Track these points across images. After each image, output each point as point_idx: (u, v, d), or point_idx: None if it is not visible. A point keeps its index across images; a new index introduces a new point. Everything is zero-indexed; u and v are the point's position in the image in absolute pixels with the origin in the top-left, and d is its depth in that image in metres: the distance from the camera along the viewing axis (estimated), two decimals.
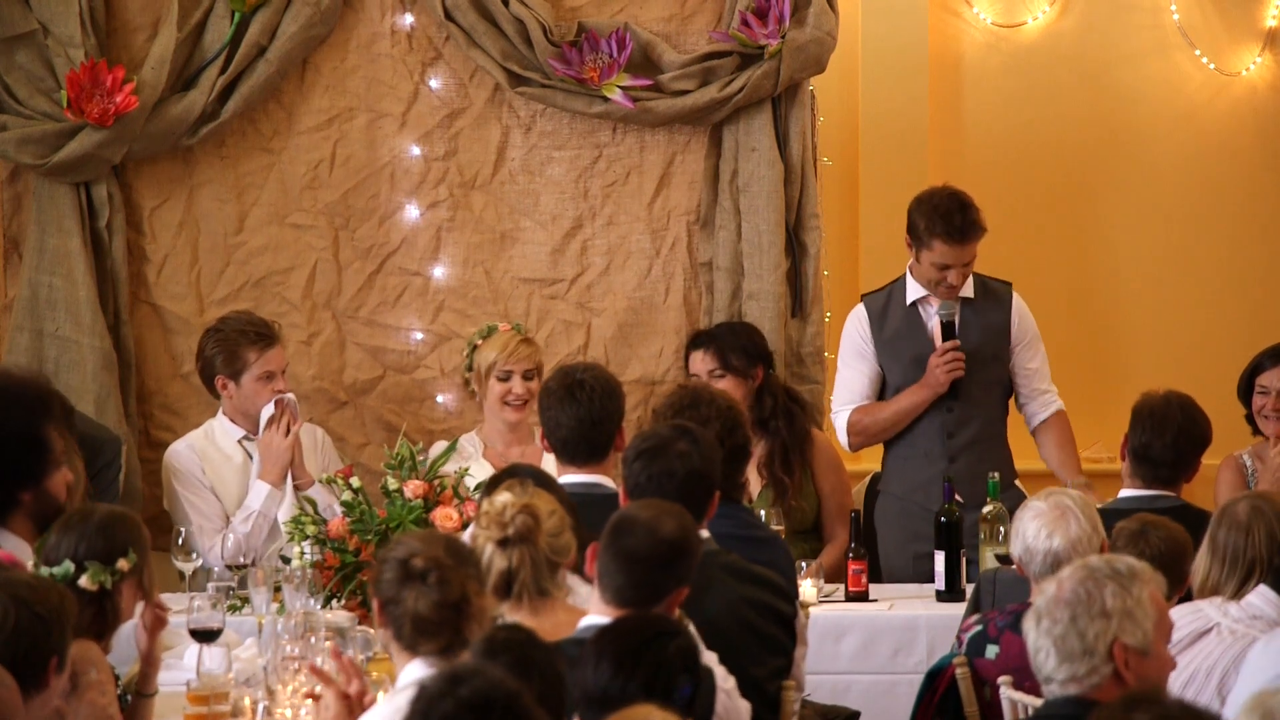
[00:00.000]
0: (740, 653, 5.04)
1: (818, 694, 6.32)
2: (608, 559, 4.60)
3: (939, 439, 7.37)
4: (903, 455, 7.45)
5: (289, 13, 7.70)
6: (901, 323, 7.42)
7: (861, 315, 7.50)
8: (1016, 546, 5.44)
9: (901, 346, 7.40)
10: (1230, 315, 8.75)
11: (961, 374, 7.28)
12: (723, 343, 7.45)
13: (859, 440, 7.50)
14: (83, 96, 7.54)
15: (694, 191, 7.91)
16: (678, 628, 4.17)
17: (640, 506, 4.70)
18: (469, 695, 3.32)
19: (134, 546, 4.96)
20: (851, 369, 7.48)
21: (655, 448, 5.17)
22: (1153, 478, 6.34)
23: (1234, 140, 8.75)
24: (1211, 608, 5.16)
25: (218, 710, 5.17)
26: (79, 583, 4.86)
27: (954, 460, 7.34)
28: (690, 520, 4.75)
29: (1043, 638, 4.15)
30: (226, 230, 7.86)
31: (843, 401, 7.50)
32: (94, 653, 4.82)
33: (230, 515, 7.18)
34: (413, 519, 6.37)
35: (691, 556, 4.66)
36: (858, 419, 7.44)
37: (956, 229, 7.22)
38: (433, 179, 7.88)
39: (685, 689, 4.06)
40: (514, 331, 7.36)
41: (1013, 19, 8.76)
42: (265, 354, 7.20)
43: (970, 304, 7.39)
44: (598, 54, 7.70)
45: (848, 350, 7.51)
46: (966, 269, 7.31)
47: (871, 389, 7.46)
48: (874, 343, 7.44)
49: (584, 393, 5.73)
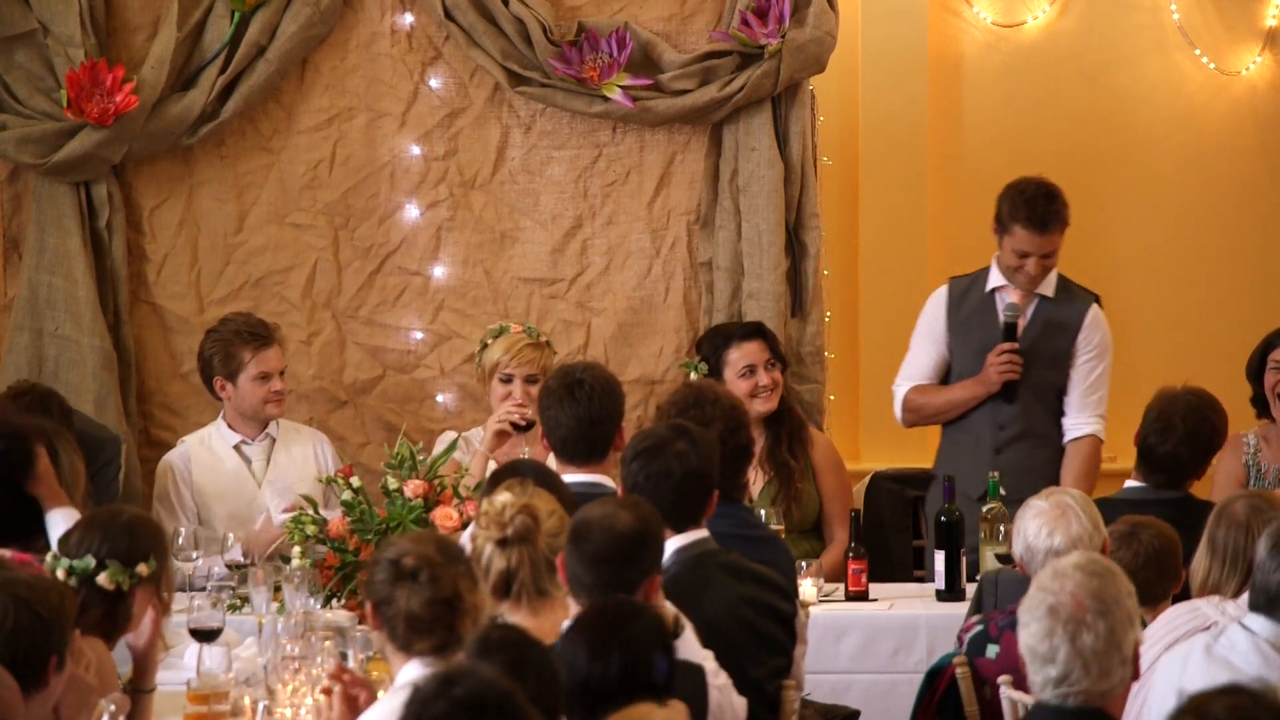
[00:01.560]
0: (739, 652, 5.03)
1: (818, 693, 6.32)
2: (574, 564, 4.61)
3: (990, 429, 7.35)
4: (955, 439, 7.45)
5: (289, 12, 7.70)
6: (976, 309, 7.39)
7: (941, 296, 7.50)
8: (1018, 545, 5.44)
9: (971, 334, 7.38)
10: (1229, 313, 8.75)
11: (1015, 377, 7.25)
12: (769, 333, 7.47)
13: (911, 418, 7.51)
14: (82, 96, 7.54)
15: (694, 191, 7.91)
16: (641, 608, 4.19)
17: (594, 506, 4.69)
18: (462, 695, 3.33)
19: (155, 554, 4.96)
20: (920, 347, 7.49)
21: (653, 448, 5.17)
22: (1153, 478, 6.34)
23: (1234, 140, 8.75)
24: (1209, 606, 5.15)
25: (217, 709, 5.17)
26: (97, 580, 4.86)
27: (1000, 452, 7.33)
28: (647, 509, 4.75)
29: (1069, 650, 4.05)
30: (226, 230, 7.87)
31: (905, 377, 7.50)
32: (100, 650, 4.82)
33: (214, 522, 7.16)
34: (413, 518, 6.37)
35: (655, 544, 4.67)
36: (914, 398, 7.45)
37: (1038, 216, 7.20)
38: (433, 178, 7.88)
39: (661, 665, 4.10)
40: (525, 334, 7.31)
41: (1012, 18, 8.76)
42: (260, 354, 7.18)
43: (1047, 301, 7.36)
44: (598, 53, 7.70)
45: (921, 329, 7.52)
46: (1046, 262, 7.28)
47: (935, 372, 7.46)
48: (947, 324, 7.42)
49: (583, 392, 5.72)
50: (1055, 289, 7.37)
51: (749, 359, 7.38)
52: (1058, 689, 4.05)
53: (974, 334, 7.38)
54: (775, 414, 7.41)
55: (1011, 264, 7.29)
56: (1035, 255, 7.25)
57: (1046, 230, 7.23)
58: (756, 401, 7.29)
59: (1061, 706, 4.05)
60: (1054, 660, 4.04)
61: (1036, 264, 7.27)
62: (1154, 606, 5.32)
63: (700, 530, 5.20)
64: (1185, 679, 4.61)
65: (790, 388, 7.65)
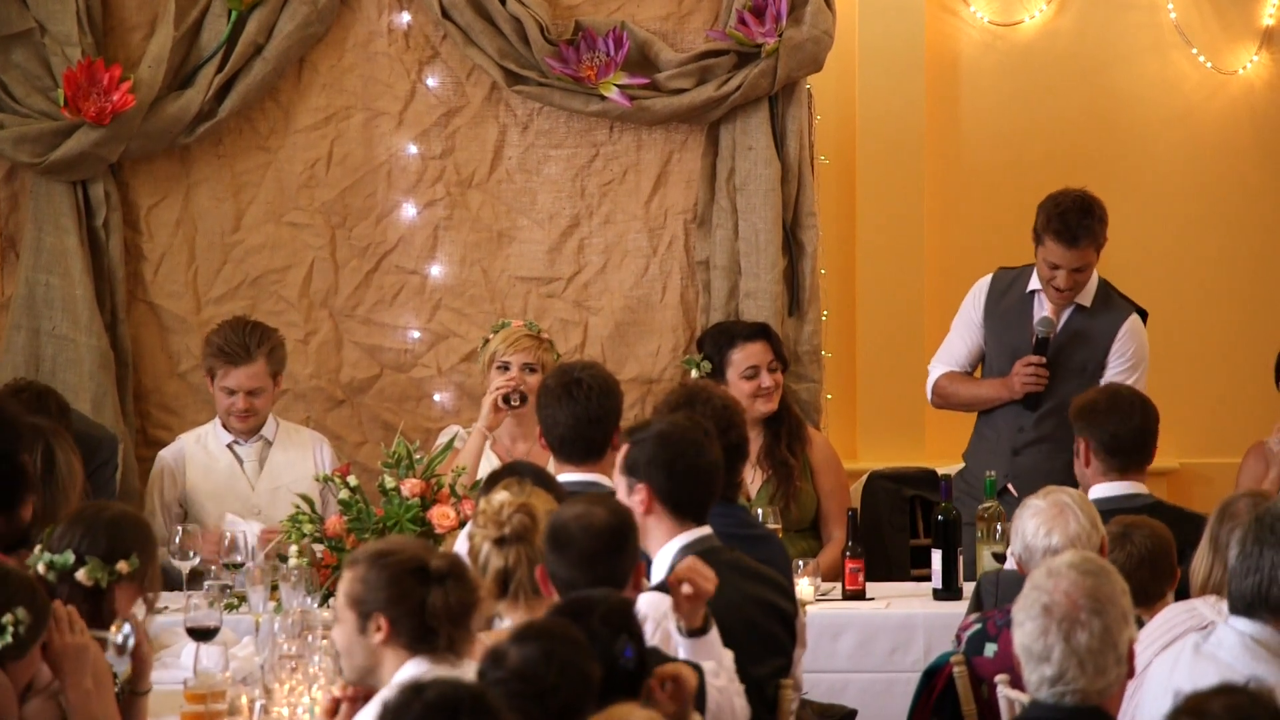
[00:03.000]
0: (741, 651, 5.03)
1: (815, 692, 6.32)
2: (561, 568, 4.60)
3: (1011, 430, 7.34)
4: (983, 434, 7.46)
5: (286, 11, 7.70)
6: (1015, 305, 7.37)
7: (984, 285, 7.47)
8: (1016, 544, 5.45)
9: (1007, 329, 7.35)
10: (1227, 313, 8.75)
11: (1040, 390, 7.23)
12: (774, 335, 7.46)
13: (938, 401, 7.53)
14: (80, 95, 7.54)
15: (691, 190, 7.91)
16: (597, 599, 4.18)
17: (564, 510, 4.70)
18: (434, 698, 3.37)
19: (139, 551, 4.95)
20: (958, 333, 7.50)
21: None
22: (1125, 467, 6.32)
23: (1231, 139, 8.75)
24: (1206, 606, 5.14)
25: (214, 709, 5.17)
26: (76, 575, 4.86)
27: (1018, 454, 7.32)
28: (614, 501, 4.80)
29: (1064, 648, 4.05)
30: (223, 229, 7.86)
31: (941, 360, 7.51)
32: (92, 647, 4.82)
33: (207, 520, 7.16)
34: (410, 517, 6.37)
35: (634, 533, 4.69)
36: (945, 384, 7.46)
37: (1069, 230, 7.12)
38: (430, 177, 7.88)
39: (627, 650, 4.10)
40: (524, 327, 7.33)
41: (1010, 17, 8.76)
42: (228, 371, 7.20)
43: (1083, 311, 7.30)
44: (595, 52, 7.70)
45: (961, 315, 7.51)
46: (1078, 276, 7.21)
47: (969, 359, 7.47)
48: (984, 313, 7.41)
49: (581, 391, 5.73)
50: (1094, 299, 7.31)
51: (753, 360, 7.38)
52: (1053, 688, 4.04)
53: (1008, 332, 7.36)
54: (773, 413, 7.41)
55: (1044, 275, 7.25)
56: (1065, 269, 7.18)
57: (1076, 245, 7.14)
58: (759, 402, 7.28)
59: (1058, 705, 4.04)
60: (1049, 659, 4.04)
61: (1067, 278, 7.20)
62: (1150, 606, 5.32)
63: (702, 528, 5.21)
64: (1175, 678, 4.61)
65: (788, 387, 7.65)
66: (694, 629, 4.78)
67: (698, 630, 4.79)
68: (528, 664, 3.80)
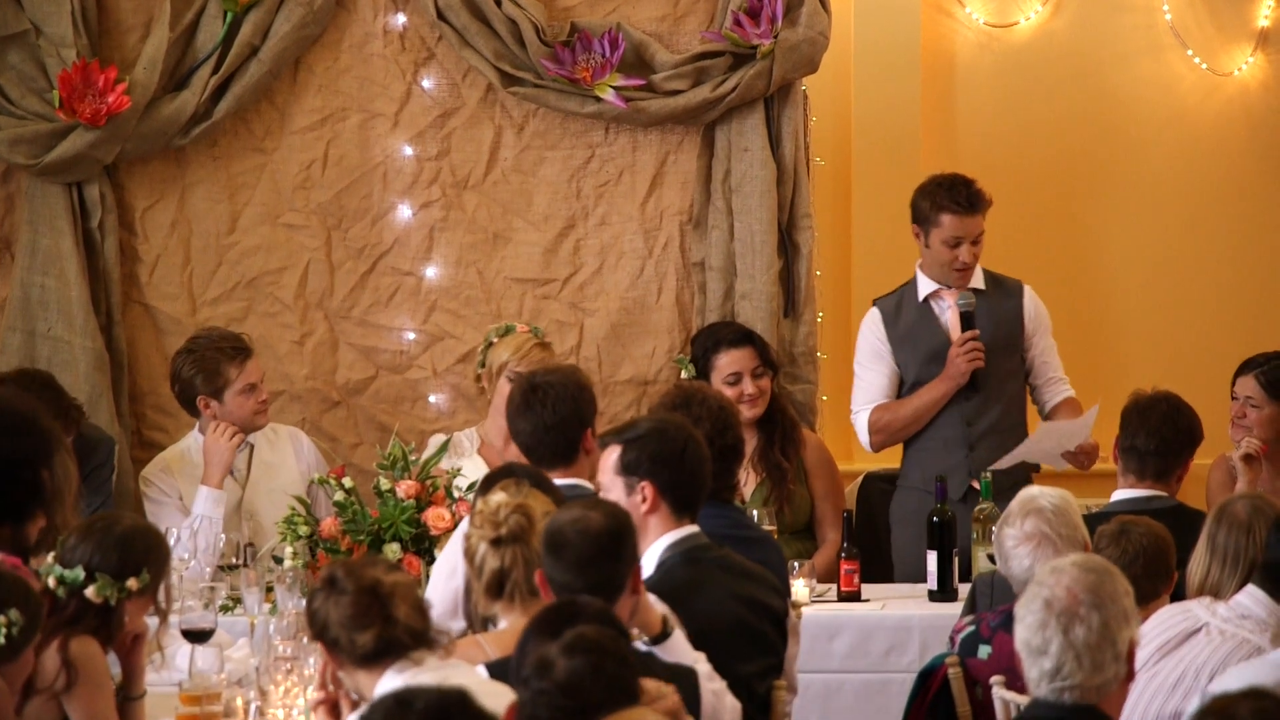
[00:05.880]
0: (731, 651, 5.04)
1: (809, 693, 6.33)
2: (559, 573, 4.60)
3: (959, 427, 7.39)
4: (923, 446, 7.47)
5: (281, 12, 7.70)
6: (915, 320, 7.45)
7: (875, 317, 7.55)
8: (998, 561, 5.46)
9: (917, 343, 7.44)
10: (1224, 313, 8.75)
11: (982, 364, 7.35)
12: (760, 341, 7.46)
13: (881, 439, 7.51)
14: (75, 96, 7.54)
15: (686, 191, 7.92)
16: (579, 606, 4.15)
17: (560, 514, 4.70)
18: (424, 708, 3.34)
19: (149, 565, 4.93)
20: (870, 370, 7.51)
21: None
22: (1142, 473, 6.34)
23: (1226, 140, 8.75)
24: (1200, 607, 5.15)
25: (210, 710, 5.17)
26: (85, 592, 4.86)
27: (973, 449, 7.38)
28: (608, 503, 4.80)
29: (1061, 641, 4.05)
30: (219, 230, 7.86)
31: (862, 402, 7.51)
32: (94, 650, 4.82)
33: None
34: (405, 519, 6.37)
35: (631, 535, 4.68)
36: (879, 417, 7.46)
37: (964, 199, 7.35)
38: (425, 179, 7.88)
39: None
40: (531, 334, 7.33)
41: (1005, 19, 8.77)
42: (245, 367, 7.18)
43: (982, 295, 7.47)
44: (590, 54, 7.70)
45: (864, 353, 7.54)
46: (976, 247, 7.41)
47: (891, 388, 7.50)
48: (889, 341, 7.47)
49: (537, 398, 5.72)
50: (986, 281, 7.51)
51: (736, 366, 7.38)
52: (1052, 683, 4.05)
53: (921, 342, 7.44)
54: (768, 415, 7.41)
55: (943, 258, 7.39)
56: (967, 241, 7.37)
57: (975, 210, 7.37)
58: (743, 408, 7.26)
59: (1058, 702, 4.05)
60: (1047, 652, 4.05)
61: (969, 251, 7.39)
62: (1144, 606, 5.31)
63: (691, 525, 5.22)
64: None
65: (783, 388, 7.66)
66: (654, 636, 4.78)
67: (659, 637, 4.79)
68: (574, 677, 3.77)
